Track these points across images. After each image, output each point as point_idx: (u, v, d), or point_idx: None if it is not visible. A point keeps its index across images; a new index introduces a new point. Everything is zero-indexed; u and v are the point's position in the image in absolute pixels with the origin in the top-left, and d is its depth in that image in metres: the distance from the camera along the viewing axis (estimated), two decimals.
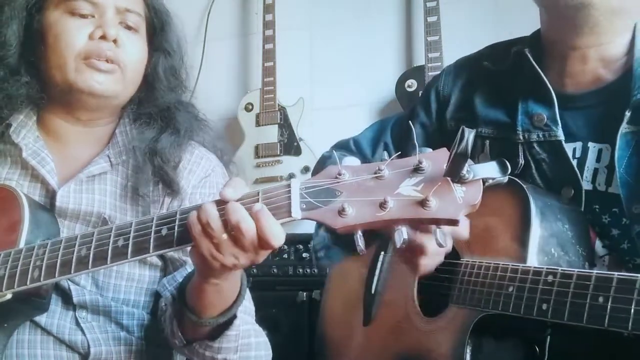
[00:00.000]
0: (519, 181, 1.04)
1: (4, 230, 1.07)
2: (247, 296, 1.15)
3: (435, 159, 0.76)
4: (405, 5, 2.68)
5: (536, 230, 0.99)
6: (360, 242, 0.78)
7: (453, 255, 1.11)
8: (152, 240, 0.90)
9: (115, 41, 1.18)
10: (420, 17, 2.53)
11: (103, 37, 1.17)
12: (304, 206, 0.80)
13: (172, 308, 1.09)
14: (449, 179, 0.74)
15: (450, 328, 1.07)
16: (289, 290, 2.12)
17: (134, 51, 1.23)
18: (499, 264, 1.00)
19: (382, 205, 0.75)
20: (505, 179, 0.75)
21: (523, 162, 1.14)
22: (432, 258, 1.01)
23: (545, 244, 0.99)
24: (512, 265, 0.98)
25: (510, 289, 0.96)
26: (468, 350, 1.02)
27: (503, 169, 0.74)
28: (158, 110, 1.28)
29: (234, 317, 1.03)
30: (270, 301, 2.10)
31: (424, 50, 2.44)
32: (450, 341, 1.06)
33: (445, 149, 0.77)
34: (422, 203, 0.74)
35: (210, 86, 2.81)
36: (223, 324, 1.03)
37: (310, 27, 2.79)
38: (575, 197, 1.08)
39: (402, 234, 0.75)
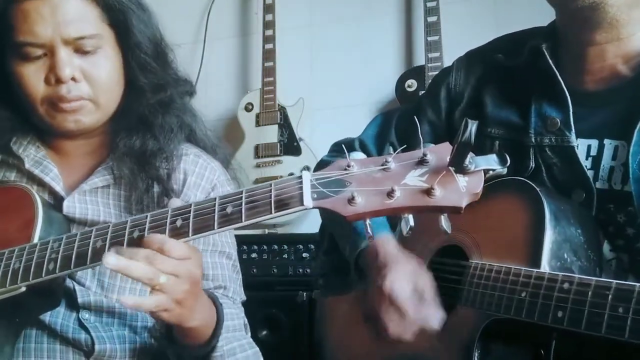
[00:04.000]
0: (532, 184, 1.03)
1: (18, 227, 1.08)
2: (232, 314, 1.16)
3: (439, 152, 0.81)
4: (405, 5, 2.68)
5: (550, 234, 0.98)
6: (369, 229, 0.82)
7: (461, 256, 1.11)
8: (167, 232, 0.92)
9: (74, 78, 1.14)
10: (420, 17, 2.53)
11: (59, 81, 1.13)
12: (315, 196, 0.83)
13: (160, 337, 1.12)
14: (452, 169, 0.78)
15: (459, 329, 1.06)
16: (289, 290, 2.12)
17: (100, 75, 1.17)
18: (510, 267, 0.99)
19: (390, 194, 0.79)
20: (504, 170, 0.80)
21: (534, 165, 1.12)
22: (397, 339, 1.07)
23: (559, 248, 0.98)
24: (525, 269, 0.96)
25: (523, 294, 0.95)
26: (476, 353, 1.01)
27: (502, 161, 0.79)
28: (139, 120, 1.23)
29: (216, 340, 1.06)
30: (270, 301, 2.10)
31: (424, 50, 2.44)
32: (459, 343, 1.05)
33: (447, 143, 0.81)
34: (428, 192, 0.78)
35: (210, 86, 2.81)
36: (209, 347, 1.07)
37: (311, 27, 2.79)
38: (586, 200, 1.06)
39: (408, 221, 0.79)
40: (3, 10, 1.15)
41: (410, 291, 1.06)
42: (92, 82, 1.16)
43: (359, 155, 0.85)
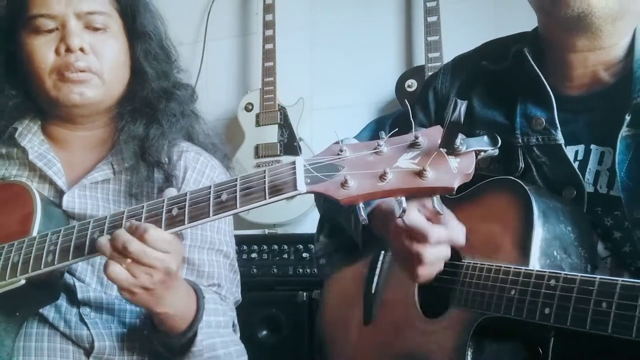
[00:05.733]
0: (521, 183, 1.04)
1: (17, 222, 1.09)
2: (218, 310, 1.16)
3: (430, 135, 0.82)
4: (405, 5, 2.68)
5: (538, 232, 0.98)
6: (362, 212, 0.83)
7: (454, 256, 1.11)
8: (163, 220, 0.93)
9: (82, 49, 1.18)
10: (420, 17, 2.53)
11: (68, 50, 1.17)
12: (309, 180, 0.83)
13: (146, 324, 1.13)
14: (443, 151, 0.79)
15: (451, 330, 1.06)
16: (289, 290, 2.12)
17: (106, 52, 1.21)
18: (500, 266, 0.99)
19: (382, 176, 0.80)
20: (496, 151, 0.80)
21: (523, 165, 1.12)
22: (430, 266, 1.01)
23: (548, 246, 0.99)
24: (514, 268, 0.97)
25: (512, 292, 0.95)
26: (469, 353, 1.01)
27: (493, 142, 0.80)
28: (143, 104, 1.27)
29: (195, 335, 1.08)
30: (270, 301, 2.10)
31: (424, 50, 2.44)
32: (452, 343, 1.05)
33: (439, 126, 0.82)
34: (420, 174, 0.79)
35: (210, 86, 2.81)
36: (188, 341, 1.08)
37: (311, 27, 2.79)
38: (577, 198, 1.07)
39: (401, 203, 0.80)
40: None
41: (422, 216, 1.00)
42: (99, 57, 1.20)
43: (351, 140, 0.85)
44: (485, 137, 0.80)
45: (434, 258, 0.99)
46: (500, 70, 1.21)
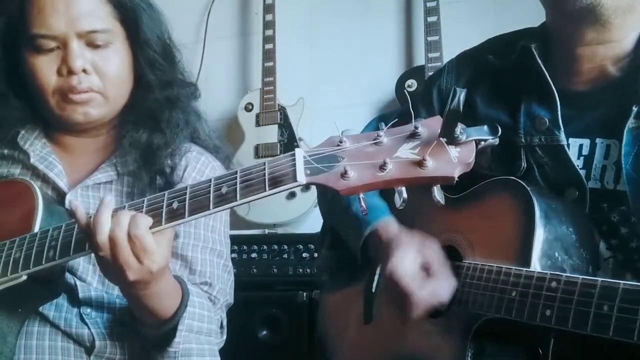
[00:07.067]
0: (523, 183, 1.03)
1: (19, 219, 1.10)
2: (203, 316, 1.15)
3: (430, 125, 0.82)
4: (405, 5, 2.68)
5: (540, 233, 0.98)
6: (362, 203, 0.83)
7: (455, 256, 1.11)
8: (164, 213, 0.93)
9: (84, 70, 1.17)
10: (420, 17, 2.53)
11: (70, 72, 1.16)
12: (308, 172, 0.83)
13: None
14: (443, 140, 0.79)
15: (452, 330, 1.06)
16: (289, 290, 2.11)
17: (109, 69, 1.20)
18: (501, 267, 0.99)
19: (382, 167, 0.80)
20: (496, 140, 0.80)
21: (525, 165, 1.12)
22: (414, 318, 1.04)
23: (549, 247, 0.98)
24: (515, 269, 0.96)
25: (514, 293, 0.95)
26: (470, 353, 1.01)
27: (494, 131, 0.80)
28: (146, 114, 1.26)
29: (174, 334, 1.08)
30: (270, 301, 2.10)
31: (424, 50, 2.44)
32: (452, 344, 1.05)
33: (438, 116, 0.82)
34: (420, 163, 0.79)
35: (210, 86, 2.81)
36: (165, 337, 1.08)
37: (311, 27, 2.79)
38: (579, 198, 1.06)
39: (401, 193, 0.80)
40: (19, 3, 1.18)
41: (412, 270, 1.04)
42: (102, 75, 1.19)
43: (351, 131, 0.86)
44: (485, 127, 0.80)
45: (415, 316, 1.04)
46: (505, 66, 1.20)
